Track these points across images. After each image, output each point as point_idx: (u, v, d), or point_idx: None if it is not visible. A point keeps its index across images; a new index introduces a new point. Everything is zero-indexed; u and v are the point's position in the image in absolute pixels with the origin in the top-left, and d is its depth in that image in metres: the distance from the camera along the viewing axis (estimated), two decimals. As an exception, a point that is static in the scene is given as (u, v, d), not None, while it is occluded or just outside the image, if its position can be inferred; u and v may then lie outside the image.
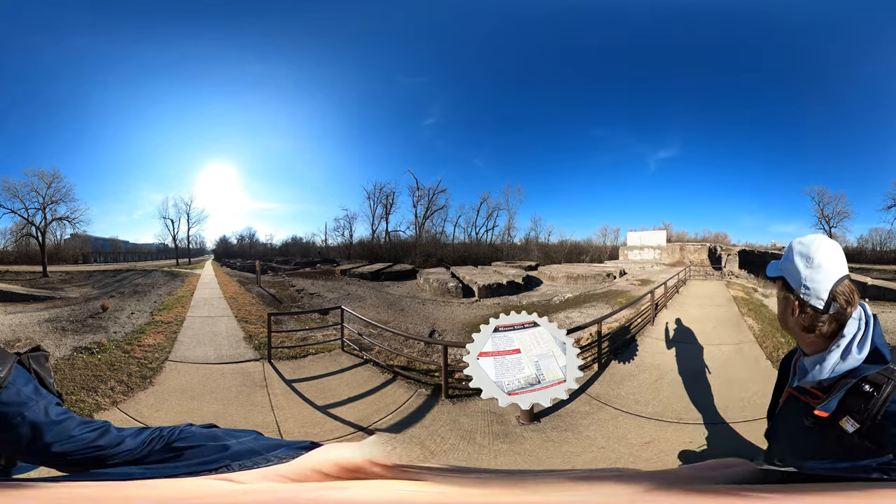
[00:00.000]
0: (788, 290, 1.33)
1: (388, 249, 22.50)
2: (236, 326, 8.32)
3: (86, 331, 7.89)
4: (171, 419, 4.26)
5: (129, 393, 4.95)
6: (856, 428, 1.15)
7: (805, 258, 1.28)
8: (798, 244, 1.32)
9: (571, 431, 4.20)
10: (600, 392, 5.14)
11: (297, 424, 4.41)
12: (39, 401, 1.02)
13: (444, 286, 14.57)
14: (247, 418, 4.44)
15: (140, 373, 5.58)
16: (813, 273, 1.26)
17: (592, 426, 4.31)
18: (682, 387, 5.25)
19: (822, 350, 1.26)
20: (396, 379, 5.75)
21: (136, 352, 6.45)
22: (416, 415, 4.70)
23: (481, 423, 4.40)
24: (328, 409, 4.70)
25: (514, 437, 4.05)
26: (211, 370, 5.83)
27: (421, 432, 4.30)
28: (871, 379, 1.16)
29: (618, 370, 5.91)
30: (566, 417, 4.50)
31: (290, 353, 6.58)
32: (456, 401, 4.96)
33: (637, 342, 7.04)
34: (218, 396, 4.89)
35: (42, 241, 17.72)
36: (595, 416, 4.54)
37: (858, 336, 1.22)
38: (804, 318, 1.28)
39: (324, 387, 5.48)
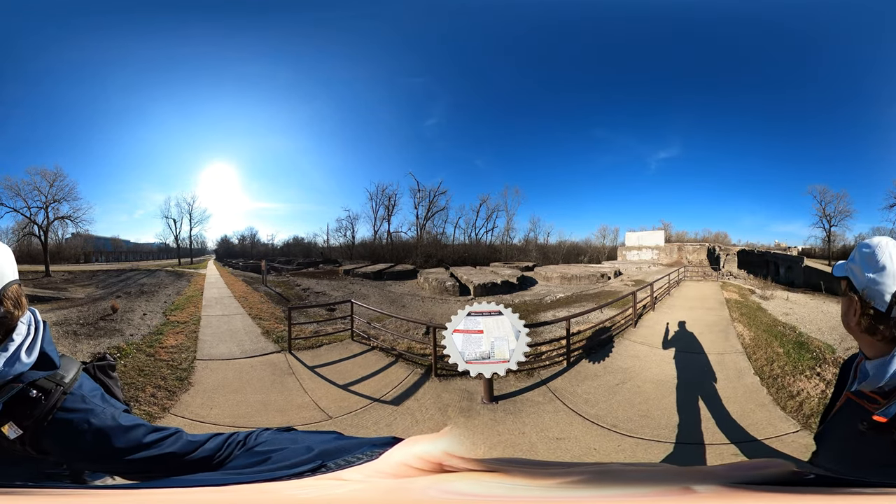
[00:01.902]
0: (852, 290, 1.31)
1: (389, 250, 22.78)
2: (252, 323, 8.61)
3: (100, 334, 7.75)
4: (228, 414, 4.58)
5: (173, 397, 5.08)
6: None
7: (870, 260, 1.26)
8: (865, 246, 1.30)
9: (514, 415, 4.81)
10: (558, 387, 5.58)
11: (331, 401, 5.14)
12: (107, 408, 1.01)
13: (442, 285, 14.99)
14: (289, 401, 5.06)
15: (174, 375, 5.69)
16: (877, 275, 1.23)
17: (533, 415, 4.82)
18: (639, 395, 5.29)
19: (884, 354, 1.23)
20: (398, 361, 6.61)
21: (161, 354, 6.50)
22: (412, 389, 5.54)
23: (455, 399, 5.19)
24: (349, 388, 5.53)
25: (472, 413, 4.88)
26: (240, 364, 6.20)
27: (413, 404, 5.13)
28: None
29: (585, 369, 6.14)
30: (519, 403, 5.13)
31: (307, 344, 7.26)
32: (443, 379, 5.80)
33: (614, 343, 7.09)
34: (256, 387, 5.33)
35: (44, 241, 17.75)
36: (542, 407, 5.04)
37: None
38: (866, 321, 1.26)
39: (341, 370, 6.28)
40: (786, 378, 5.66)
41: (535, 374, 5.98)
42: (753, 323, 8.52)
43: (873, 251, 1.27)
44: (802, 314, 9.25)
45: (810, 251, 23.30)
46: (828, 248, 22.73)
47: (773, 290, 12.58)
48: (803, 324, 8.39)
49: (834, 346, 7.18)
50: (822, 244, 23.20)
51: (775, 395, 5.28)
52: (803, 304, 10.56)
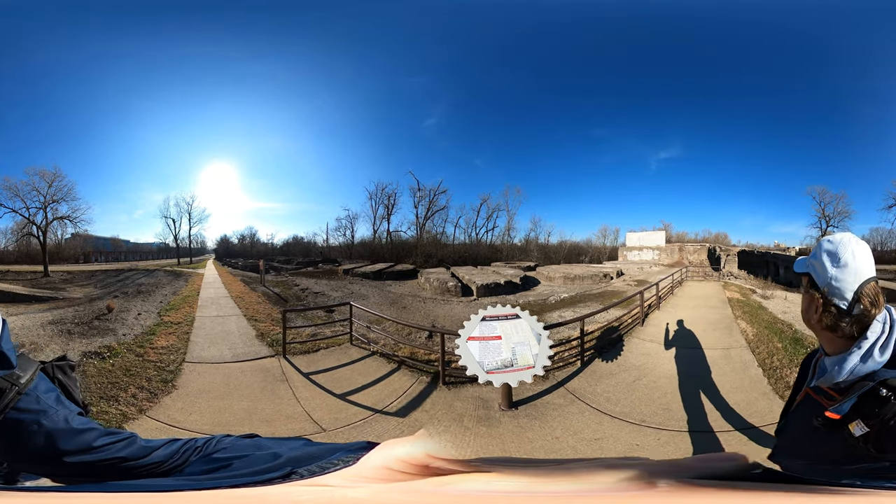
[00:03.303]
0: (814, 287, 1.31)
1: (389, 249, 22.64)
2: (247, 325, 8.43)
3: (93, 333, 7.73)
4: (208, 422, 4.34)
5: (154, 399, 4.91)
6: (864, 432, 1.11)
7: (833, 256, 1.25)
8: (827, 242, 1.29)
9: (539, 420, 4.55)
10: (577, 387, 5.42)
11: (326, 412, 4.72)
12: (60, 410, 0.99)
13: (443, 285, 14.79)
14: (278, 410, 4.64)
15: (160, 377, 5.54)
16: (839, 272, 1.23)
17: (559, 418, 4.62)
18: (658, 390, 5.33)
19: (843, 351, 1.23)
20: (401, 368, 6.15)
21: (150, 355, 6.41)
22: (419, 399, 5.12)
23: (470, 408, 4.81)
24: (346, 397, 5.06)
25: (493, 421, 4.51)
26: (230, 369, 5.92)
27: (422, 416, 4.69)
28: (889, 384, 1.11)
29: (599, 368, 6.09)
30: (540, 407, 4.87)
31: (303, 348, 6.83)
32: (452, 387, 5.40)
33: (624, 342, 7.13)
34: (244, 394, 4.99)
35: (43, 241, 17.68)
36: (566, 409, 4.83)
37: (881, 339, 1.18)
38: (827, 317, 1.26)
39: (338, 377, 5.83)
40: (783, 370, 5.94)
41: (550, 376, 5.75)
42: (755, 320, 8.78)
43: (836, 248, 1.27)
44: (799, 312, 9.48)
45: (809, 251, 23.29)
46: (827, 248, 22.83)
47: (772, 290, 12.81)
48: (799, 321, 8.48)
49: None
50: (821, 245, 23.39)
51: (774, 385, 5.52)
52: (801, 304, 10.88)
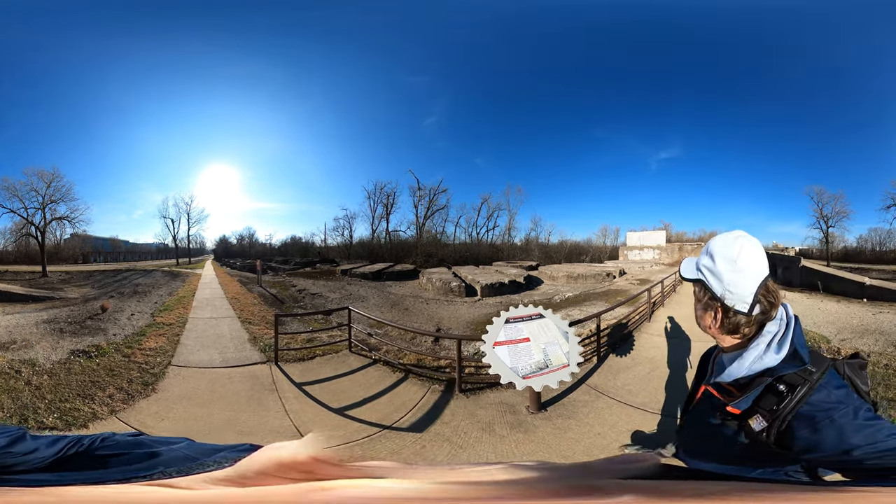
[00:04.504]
0: (709, 295, 1.27)
1: (388, 249, 22.47)
2: (240, 328, 8.24)
3: (84, 333, 7.70)
4: (180, 429, 4.15)
5: (130, 401, 4.77)
6: (763, 427, 1.13)
7: (728, 261, 1.22)
8: (721, 247, 1.25)
9: (574, 419, 4.45)
10: (598, 382, 5.38)
11: (321, 428, 4.39)
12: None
13: (446, 286, 14.58)
14: (263, 423, 4.35)
15: (142, 379, 5.41)
16: (736, 277, 1.20)
17: (591, 414, 4.55)
18: (672, 381, 5.36)
19: (741, 347, 1.23)
20: (409, 377, 5.73)
21: (137, 356, 6.28)
22: (435, 411, 4.76)
23: (496, 414, 4.57)
24: (346, 412, 4.66)
25: (528, 426, 4.35)
26: (217, 374, 5.69)
27: (443, 429, 4.36)
28: (786, 379, 1.14)
29: (615, 363, 6.11)
30: (569, 406, 4.74)
31: (297, 355, 6.48)
32: (469, 394, 5.08)
33: (634, 337, 7.26)
34: (228, 402, 4.75)
35: (42, 241, 17.65)
36: (593, 405, 4.76)
37: (778, 336, 1.19)
38: (728, 323, 1.24)
39: (336, 388, 5.41)
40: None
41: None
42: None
43: (729, 252, 1.22)
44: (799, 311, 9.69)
45: (807, 252, 23.35)
46: (826, 248, 22.79)
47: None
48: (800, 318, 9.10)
49: (829, 337, 7.86)
50: (819, 245, 23.38)
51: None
52: (800, 302, 11.07)
